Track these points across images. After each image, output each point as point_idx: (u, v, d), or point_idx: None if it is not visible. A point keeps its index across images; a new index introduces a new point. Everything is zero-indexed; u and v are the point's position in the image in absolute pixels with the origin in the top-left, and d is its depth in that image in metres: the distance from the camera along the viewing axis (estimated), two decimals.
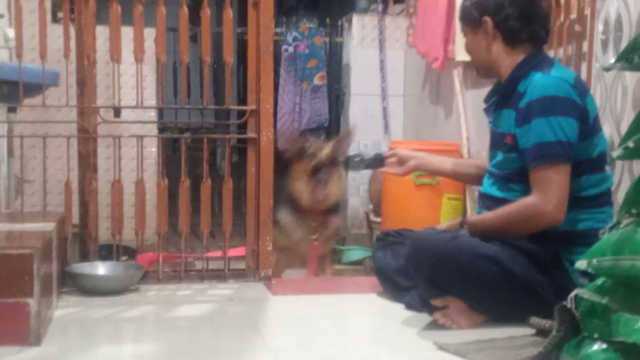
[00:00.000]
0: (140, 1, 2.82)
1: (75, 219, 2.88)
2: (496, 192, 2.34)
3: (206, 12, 2.85)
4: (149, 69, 4.40)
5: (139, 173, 2.86)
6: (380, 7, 5.09)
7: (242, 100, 4.95)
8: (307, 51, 5.24)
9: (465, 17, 2.38)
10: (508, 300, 2.20)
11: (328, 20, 5.44)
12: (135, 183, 2.87)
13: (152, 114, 4.64)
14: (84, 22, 2.81)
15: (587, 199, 2.22)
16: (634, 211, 1.64)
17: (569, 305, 1.72)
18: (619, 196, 2.47)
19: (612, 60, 1.75)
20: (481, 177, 2.48)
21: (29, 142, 2.99)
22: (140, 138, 2.86)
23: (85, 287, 2.64)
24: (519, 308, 2.18)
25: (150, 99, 4.55)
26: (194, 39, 5.88)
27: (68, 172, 2.86)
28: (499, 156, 2.34)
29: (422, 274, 2.25)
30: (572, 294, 1.72)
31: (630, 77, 2.49)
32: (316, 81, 5.26)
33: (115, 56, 2.81)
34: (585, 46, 2.82)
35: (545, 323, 2.00)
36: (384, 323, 2.34)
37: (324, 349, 2.06)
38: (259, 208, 2.87)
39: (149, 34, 3.32)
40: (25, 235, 2.32)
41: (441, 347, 2.01)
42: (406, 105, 5.11)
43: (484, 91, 2.58)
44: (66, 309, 2.44)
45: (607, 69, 1.78)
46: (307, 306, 2.58)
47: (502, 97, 2.36)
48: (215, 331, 2.24)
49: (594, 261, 1.65)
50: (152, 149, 4.58)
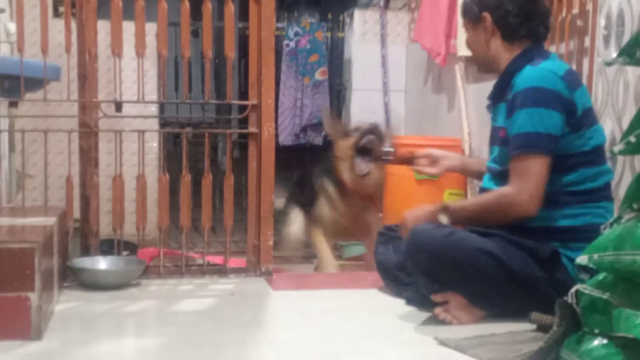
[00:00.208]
0: None
1: (77, 213, 2.88)
2: (494, 187, 2.34)
3: (207, 7, 2.85)
4: (150, 64, 4.39)
5: (140, 168, 2.86)
6: (381, 2, 5.08)
7: (244, 95, 4.95)
8: (308, 46, 5.24)
9: (466, 12, 2.41)
10: (506, 295, 2.20)
11: (329, 15, 5.43)
12: (137, 178, 2.87)
13: (154, 109, 4.65)
14: (85, 17, 2.81)
15: (583, 193, 2.21)
16: (635, 206, 1.64)
17: (569, 301, 1.72)
18: (620, 191, 2.47)
19: (614, 55, 1.75)
20: None
21: (30, 137, 2.99)
22: (141, 133, 2.86)
23: (86, 281, 2.64)
24: (518, 303, 2.19)
25: (152, 93, 4.54)
26: (195, 33, 5.87)
27: (69, 166, 2.86)
28: (496, 151, 2.35)
29: (419, 269, 2.26)
30: (572, 289, 1.72)
31: (632, 72, 2.48)
32: (317, 76, 5.25)
33: (116, 51, 2.81)
34: (587, 41, 2.81)
35: (546, 318, 2.00)
36: (385, 318, 2.34)
37: (325, 343, 2.06)
38: (260, 203, 2.87)
39: (151, 28, 3.32)
40: (26, 229, 2.32)
41: (442, 342, 2.01)
42: (408, 100, 5.11)
43: (485, 86, 2.58)
44: (67, 303, 2.44)
45: (609, 63, 1.78)
46: (308, 301, 2.58)
47: (498, 91, 2.37)
48: (217, 326, 2.24)
49: (595, 256, 1.65)
50: (153, 143, 4.59)
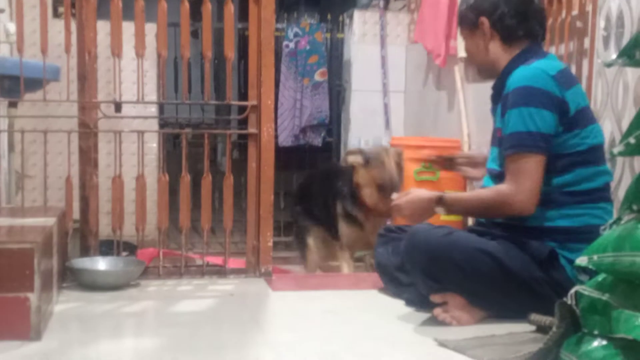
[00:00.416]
0: None
1: (76, 214, 2.88)
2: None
3: (207, 7, 2.85)
4: (149, 64, 4.40)
5: (140, 168, 2.86)
6: (381, 3, 5.09)
7: (243, 96, 4.95)
8: (308, 47, 5.24)
9: (463, 20, 2.42)
10: (505, 295, 2.20)
11: (329, 16, 5.43)
12: (136, 178, 2.87)
13: (153, 110, 4.65)
14: (85, 17, 2.80)
15: (581, 194, 2.20)
16: (634, 207, 1.64)
17: (569, 302, 1.72)
18: (620, 193, 2.47)
19: (614, 57, 1.75)
20: None
21: (29, 137, 2.99)
22: (141, 133, 2.86)
23: (85, 282, 2.64)
24: (516, 303, 2.19)
25: (151, 94, 4.55)
26: (195, 34, 5.87)
27: (69, 167, 2.86)
28: (495, 152, 2.35)
29: (418, 268, 2.26)
30: (572, 291, 1.72)
31: (632, 73, 2.48)
32: (317, 77, 5.26)
33: (116, 51, 2.81)
34: (586, 42, 2.81)
35: (546, 319, 2.00)
36: (384, 319, 2.34)
37: (324, 344, 2.06)
38: (259, 204, 2.87)
39: (150, 29, 3.32)
40: (26, 230, 2.32)
41: (441, 343, 2.01)
42: (407, 101, 5.11)
43: (485, 87, 2.58)
44: (67, 303, 2.44)
45: (608, 65, 1.78)
46: (308, 302, 2.58)
47: (496, 92, 2.38)
48: (216, 326, 2.24)
49: (595, 257, 1.65)
50: (152, 144, 4.59)
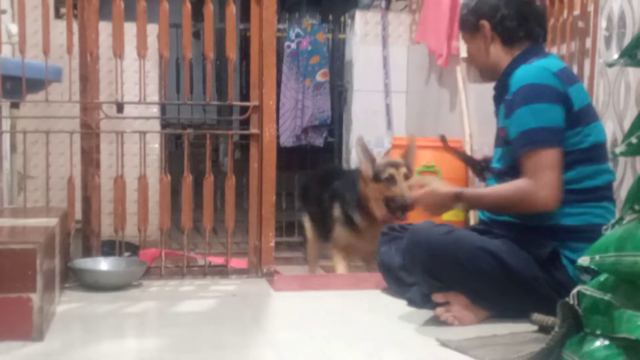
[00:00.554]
0: None
1: (78, 214, 2.88)
2: (495, 185, 2.33)
3: (209, 8, 2.85)
4: (151, 65, 4.41)
5: (142, 169, 2.86)
6: (383, 3, 5.09)
7: (245, 97, 4.95)
8: (309, 47, 5.24)
9: (464, 24, 2.42)
10: (506, 294, 2.20)
11: (331, 17, 5.43)
12: (138, 179, 2.87)
13: (155, 110, 4.65)
14: (87, 18, 2.81)
15: (583, 192, 2.20)
16: (637, 207, 1.64)
17: (571, 302, 1.72)
18: (622, 193, 2.47)
19: (616, 57, 1.75)
20: None
21: (31, 138, 2.99)
22: (142, 134, 2.86)
23: (87, 282, 2.64)
24: (517, 302, 2.18)
25: (153, 95, 4.56)
26: (197, 35, 5.88)
27: (71, 167, 2.86)
28: (499, 152, 2.35)
29: (419, 267, 2.26)
30: (574, 290, 1.72)
31: (634, 73, 2.48)
32: (319, 78, 5.26)
33: (118, 52, 2.81)
34: (588, 42, 2.81)
35: (548, 319, 2.00)
36: (386, 319, 2.34)
37: (326, 344, 2.06)
38: (261, 204, 2.87)
39: (152, 29, 3.33)
40: (28, 230, 2.32)
41: (443, 344, 2.01)
42: (409, 101, 5.11)
43: (486, 88, 2.58)
44: (69, 304, 2.44)
45: (610, 64, 1.78)
46: (309, 302, 2.58)
47: (498, 93, 2.38)
48: (218, 327, 2.24)
49: (597, 257, 1.64)
50: (154, 145, 4.60)
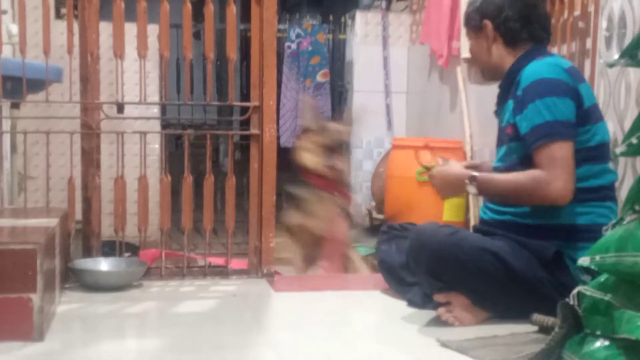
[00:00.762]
0: None
1: (78, 215, 2.88)
2: None
3: (209, 9, 2.85)
4: (152, 65, 4.40)
5: (142, 169, 2.86)
6: (383, 3, 5.09)
7: (245, 97, 4.96)
8: (310, 48, 5.25)
9: (468, 21, 2.43)
10: (508, 295, 2.19)
11: (331, 17, 5.44)
12: (138, 179, 2.87)
13: (155, 110, 4.65)
14: (88, 18, 2.81)
15: (587, 191, 2.20)
16: (637, 208, 1.64)
17: (571, 302, 1.72)
18: (622, 193, 2.47)
19: (616, 57, 1.75)
20: None
21: (32, 138, 2.99)
22: (143, 134, 2.86)
23: (88, 282, 2.64)
24: (519, 303, 2.18)
25: (153, 95, 4.55)
26: (197, 35, 5.88)
27: (71, 168, 2.86)
28: (502, 150, 2.35)
29: (422, 267, 2.26)
30: (574, 291, 1.72)
31: (634, 73, 2.48)
32: (319, 78, 5.26)
33: (118, 52, 2.81)
34: (588, 43, 2.81)
35: (548, 320, 2.00)
36: (387, 320, 2.34)
37: (326, 345, 2.06)
38: (261, 205, 2.87)
39: (152, 30, 3.32)
40: (28, 230, 2.32)
41: (444, 344, 2.01)
42: (409, 102, 5.11)
43: (487, 88, 2.58)
44: (69, 304, 2.44)
45: (610, 65, 1.78)
46: (310, 302, 2.58)
47: (503, 91, 2.38)
48: (218, 327, 2.24)
49: (597, 258, 1.64)
50: (155, 145, 4.59)
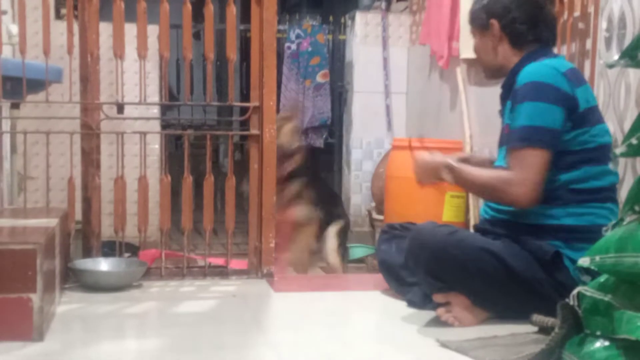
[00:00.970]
0: None
1: (78, 215, 2.88)
2: None
3: (209, 9, 2.85)
4: (152, 66, 4.41)
5: (142, 170, 2.86)
6: (383, 4, 5.09)
7: (245, 97, 4.95)
8: (310, 48, 5.25)
9: (474, 20, 2.42)
10: (507, 295, 2.20)
11: (331, 18, 5.44)
12: (138, 180, 2.87)
13: (155, 111, 4.65)
14: (87, 19, 2.81)
15: (588, 192, 2.20)
16: (637, 208, 1.64)
17: (571, 303, 1.72)
18: (622, 194, 2.47)
19: (616, 58, 1.75)
20: None
21: (32, 139, 2.99)
22: (143, 135, 2.86)
23: (88, 283, 2.64)
24: (519, 303, 2.18)
25: (153, 95, 4.56)
26: (197, 35, 5.88)
27: (71, 168, 2.86)
28: (502, 150, 2.35)
29: (421, 267, 2.26)
30: (574, 291, 1.72)
31: (634, 74, 2.48)
32: (319, 79, 5.26)
33: (118, 53, 2.81)
34: (588, 44, 2.81)
35: (548, 320, 2.00)
36: (386, 320, 2.34)
37: (326, 345, 2.06)
38: (261, 205, 2.87)
39: (152, 30, 3.32)
40: (28, 230, 2.32)
41: (443, 344, 2.01)
42: (409, 102, 5.11)
43: (487, 89, 2.58)
44: (69, 304, 2.44)
45: (610, 65, 1.79)
46: (310, 303, 2.58)
47: (505, 90, 2.38)
48: (218, 327, 2.24)
49: (597, 258, 1.65)
50: (155, 145, 4.59)
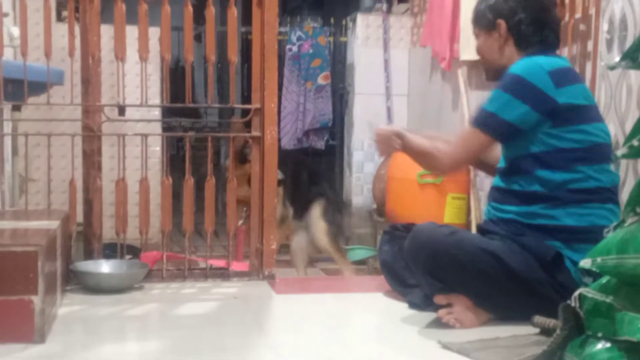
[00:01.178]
0: (145, 0, 2.82)
1: (80, 217, 2.89)
2: (500, 183, 2.34)
3: (210, 11, 2.85)
4: (153, 68, 4.41)
5: (143, 172, 2.86)
6: (384, 6, 5.09)
7: (246, 99, 4.96)
8: (311, 51, 5.25)
9: (479, 19, 2.41)
10: (508, 296, 2.20)
11: (332, 20, 5.44)
12: (140, 182, 2.87)
13: (156, 113, 4.65)
14: (89, 21, 2.81)
15: (587, 192, 2.20)
16: (638, 210, 1.64)
17: (573, 304, 1.72)
18: (624, 195, 2.47)
19: (617, 59, 1.75)
20: None
21: (33, 141, 2.99)
22: (144, 137, 2.86)
23: (89, 285, 2.64)
24: (519, 304, 2.18)
25: (155, 97, 4.56)
26: (198, 38, 5.89)
27: (72, 170, 2.86)
28: (503, 149, 2.35)
29: (421, 268, 2.26)
30: (576, 293, 1.72)
31: (635, 76, 2.48)
32: (320, 81, 5.27)
33: (119, 55, 2.82)
34: (590, 45, 2.81)
35: (549, 322, 2.00)
36: (388, 322, 2.34)
37: (327, 347, 2.06)
38: (263, 207, 2.87)
39: (154, 32, 3.32)
40: (29, 232, 2.32)
41: (445, 346, 2.01)
42: (410, 104, 5.11)
43: (488, 91, 2.58)
44: (70, 306, 2.44)
45: (611, 67, 1.79)
46: (311, 305, 2.58)
47: None
48: (219, 329, 2.24)
49: (599, 260, 1.64)
50: (156, 147, 4.60)
